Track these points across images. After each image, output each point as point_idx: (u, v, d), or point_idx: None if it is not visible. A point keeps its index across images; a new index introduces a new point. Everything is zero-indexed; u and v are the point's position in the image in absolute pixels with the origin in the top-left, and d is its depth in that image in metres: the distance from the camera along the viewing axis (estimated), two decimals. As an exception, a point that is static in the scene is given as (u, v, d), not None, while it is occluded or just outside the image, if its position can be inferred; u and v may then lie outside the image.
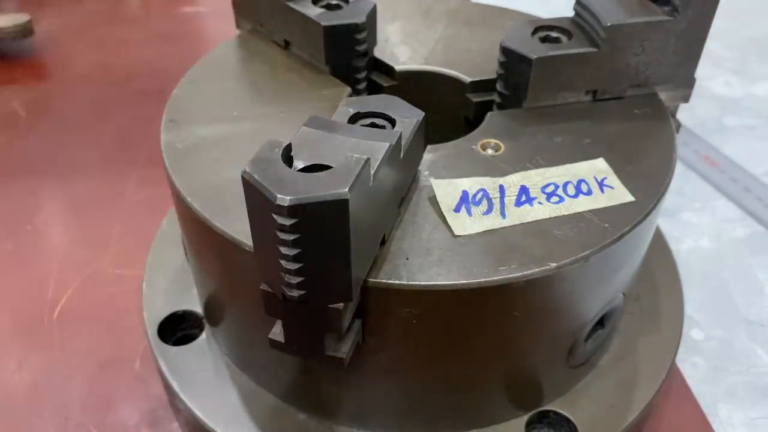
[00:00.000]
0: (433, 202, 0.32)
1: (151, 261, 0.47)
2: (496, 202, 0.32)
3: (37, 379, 0.45)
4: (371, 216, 0.27)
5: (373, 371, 0.34)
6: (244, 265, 0.32)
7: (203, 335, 0.43)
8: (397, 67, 0.43)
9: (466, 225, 0.31)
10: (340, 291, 0.26)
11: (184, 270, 0.46)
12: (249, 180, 0.24)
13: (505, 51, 0.38)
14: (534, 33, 0.38)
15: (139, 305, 0.44)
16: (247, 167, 0.24)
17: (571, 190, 0.33)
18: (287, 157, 0.25)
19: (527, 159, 0.35)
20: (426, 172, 0.34)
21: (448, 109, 0.43)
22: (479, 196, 0.32)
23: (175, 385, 0.40)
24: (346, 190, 0.23)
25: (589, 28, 0.38)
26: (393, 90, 0.43)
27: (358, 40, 0.40)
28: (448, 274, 0.29)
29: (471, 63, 0.43)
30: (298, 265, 0.25)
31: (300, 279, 0.25)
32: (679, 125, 0.41)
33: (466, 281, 0.29)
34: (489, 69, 0.41)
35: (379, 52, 0.44)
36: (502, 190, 0.33)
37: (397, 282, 0.29)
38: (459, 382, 0.34)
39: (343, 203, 0.23)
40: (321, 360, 0.29)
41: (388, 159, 0.27)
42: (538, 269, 0.29)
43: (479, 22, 0.47)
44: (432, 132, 0.35)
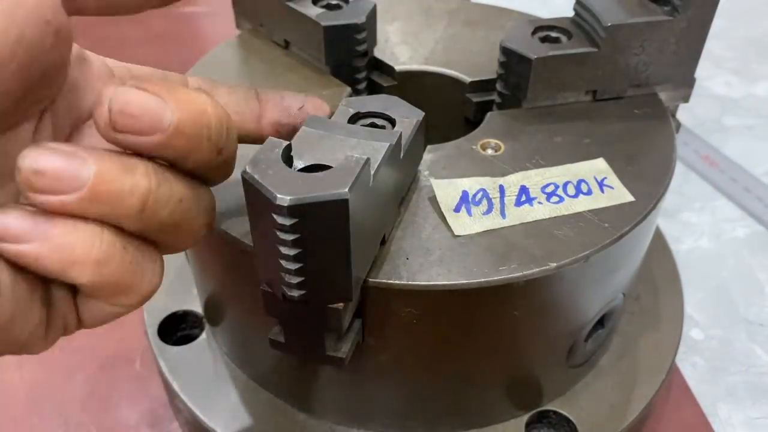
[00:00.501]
0: (433, 202, 0.32)
1: (151, 261, 0.47)
2: (496, 202, 0.32)
3: (37, 379, 0.45)
4: (371, 216, 0.27)
5: (373, 371, 0.34)
6: (244, 265, 0.32)
7: (203, 335, 0.43)
8: (397, 67, 0.43)
9: (466, 225, 0.31)
10: (340, 291, 0.26)
11: (184, 270, 0.46)
12: (249, 180, 0.24)
13: (505, 51, 0.38)
14: (534, 33, 0.38)
15: (139, 305, 0.44)
16: (247, 167, 0.24)
17: (571, 190, 0.33)
18: (287, 157, 0.25)
19: (527, 159, 0.35)
20: (426, 172, 0.34)
21: (448, 109, 0.43)
22: (479, 196, 0.32)
23: (175, 385, 0.40)
24: (346, 190, 0.23)
25: (589, 28, 0.38)
26: (393, 90, 0.43)
27: (358, 40, 0.40)
28: (448, 274, 0.29)
29: (471, 63, 0.43)
30: (298, 265, 0.25)
31: (300, 279, 0.25)
32: (679, 125, 0.41)
33: (466, 281, 0.29)
34: (489, 69, 0.41)
35: (379, 52, 0.44)
36: (502, 190, 0.33)
37: (397, 282, 0.29)
38: (459, 382, 0.34)
39: (343, 203, 0.23)
40: (321, 360, 0.29)
41: (388, 159, 0.27)
42: (538, 269, 0.29)
43: (479, 22, 0.47)
44: (432, 132, 0.35)
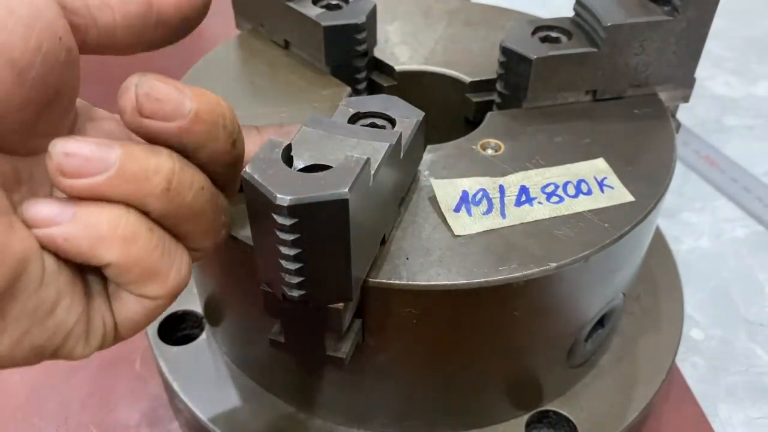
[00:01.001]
0: (433, 202, 0.32)
1: (151, 261, 0.47)
2: (496, 202, 0.32)
3: (37, 379, 0.45)
4: (371, 216, 0.27)
5: (373, 371, 0.34)
6: (244, 265, 0.32)
7: (203, 335, 0.43)
8: (397, 67, 0.43)
9: (466, 225, 0.31)
10: (340, 291, 0.26)
11: (184, 270, 0.46)
12: (249, 180, 0.24)
13: (505, 51, 0.38)
14: (534, 33, 0.38)
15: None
16: (247, 167, 0.24)
17: (571, 190, 0.33)
18: (287, 157, 0.25)
19: (527, 159, 0.35)
20: (426, 172, 0.34)
21: (448, 109, 0.43)
22: (479, 196, 0.32)
23: (175, 385, 0.40)
24: (346, 190, 0.23)
25: (589, 28, 0.38)
26: (393, 90, 0.43)
27: (358, 40, 0.40)
28: (448, 274, 0.29)
29: (471, 63, 0.43)
30: (298, 265, 0.25)
31: (300, 279, 0.25)
32: (679, 125, 0.41)
33: (466, 281, 0.29)
34: (489, 69, 0.41)
35: (379, 52, 0.44)
36: (502, 190, 0.33)
37: (397, 282, 0.29)
38: (459, 382, 0.34)
39: (343, 203, 0.23)
40: (321, 360, 0.29)
41: (388, 159, 0.27)
42: (538, 269, 0.29)
43: (479, 22, 0.47)
44: (432, 132, 0.35)
